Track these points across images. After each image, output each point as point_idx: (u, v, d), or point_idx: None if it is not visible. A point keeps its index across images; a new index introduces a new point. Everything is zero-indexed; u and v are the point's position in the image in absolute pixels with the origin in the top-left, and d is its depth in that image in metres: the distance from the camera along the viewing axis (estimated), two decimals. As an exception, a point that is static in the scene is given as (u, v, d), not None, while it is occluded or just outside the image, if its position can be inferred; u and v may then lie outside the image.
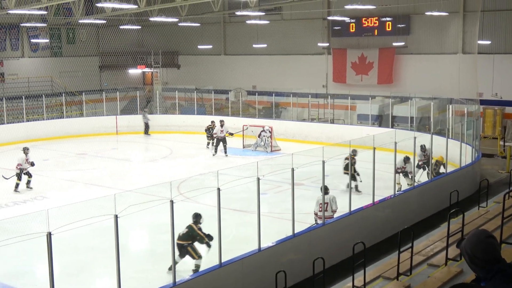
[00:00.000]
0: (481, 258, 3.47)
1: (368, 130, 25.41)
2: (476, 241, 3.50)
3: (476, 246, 3.49)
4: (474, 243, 3.50)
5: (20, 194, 18.26)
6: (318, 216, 13.08)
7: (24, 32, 35.46)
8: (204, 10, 31.81)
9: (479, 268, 3.51)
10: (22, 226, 12.84)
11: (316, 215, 13.20)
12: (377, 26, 32.02)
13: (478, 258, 3.48)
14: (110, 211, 9.00)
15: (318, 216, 13.02)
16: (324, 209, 12.84)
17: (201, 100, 35.25)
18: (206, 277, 10.07)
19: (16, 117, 30.87)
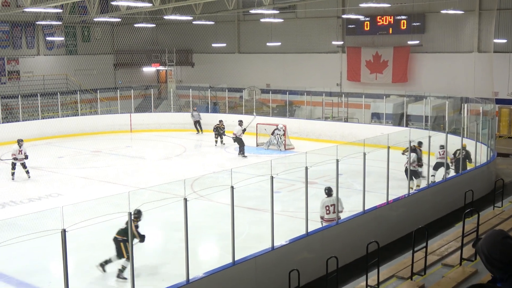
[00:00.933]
0: (498, 259, 3.43)
1: (382, 129, 25.30)
2: (493, 242, 3.47)
3: (493, 247, 3.45)
4: (491, 244, 3.47)
5: (35, 191, 18.38)
6: (324, 219, 12.72)
7: (40, 30, 35.69)
8: (218, 8, 31.83)
9: (496, 269, 3.48)
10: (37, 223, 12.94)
11: (322, 218, 12.80)
12: (392, 24, 31.87)
13: (495, 259, 3.45)
14: (125, 208, 9.04)
15: (325, 219, 12.69)
16: (332, 211, 12.56)
17: (215, 98, 35.30)
18: (219, 275, 10.07)
19: (31, 115, 31.08)
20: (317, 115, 31.36)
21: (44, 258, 12.44)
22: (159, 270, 11.70)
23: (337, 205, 12.51)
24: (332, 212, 12.53)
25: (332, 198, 12.65)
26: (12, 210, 16.17)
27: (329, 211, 12.59)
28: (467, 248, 10.41)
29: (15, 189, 18.82)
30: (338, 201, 12.53)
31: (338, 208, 12.53)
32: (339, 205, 12.63)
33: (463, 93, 27.97)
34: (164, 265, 12.11)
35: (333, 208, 12.55)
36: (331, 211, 12.56)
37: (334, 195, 12.64)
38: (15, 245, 11.34)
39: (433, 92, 28.96)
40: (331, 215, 12.59)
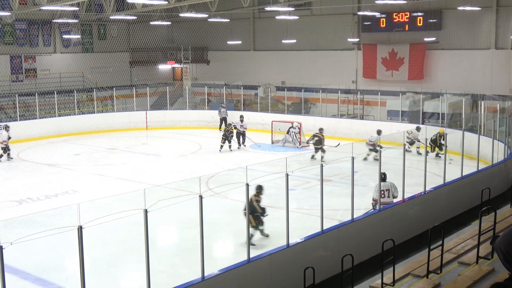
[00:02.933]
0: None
1: (398, 126, 25.19)
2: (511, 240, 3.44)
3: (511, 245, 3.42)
4: (509, 242, 3.44)
5: (51, 188, 18.53)
6: (375, 201, 13.41)
7: (56, 28, 35.93)
8: (234, 5, 31.85)
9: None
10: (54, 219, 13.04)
11: (375, 201, 13.42)
12: (408, 21, 31.67)
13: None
14: (140, 205, 9.07)
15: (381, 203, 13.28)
16: (387, 195, 13.33)
17: (230, 96, 35.33)
18: (234, 272, 10.09)
19: (48, 112, 31.33)
20: (332, 112, 31.28)
21: (61, 254, 12.53)
22: (174, 267, 11.75)
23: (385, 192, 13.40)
24: (386, 197, 13.36)
25: (387, 183, 13.45)
26: (29, 207, 16.32)
27: (384, 195, 13.37)
28: (483, 247, 10.34)
29: (32, 186, 18.98)
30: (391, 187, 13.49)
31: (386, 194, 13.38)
32: (395, 191, 13.50)
33: (480, 90, 27.76)
34: (179, 262, 12.15)
35: (387, 193, 13.38)
36: (385, 195, 13.37)
37: (388, 180, 13.48)
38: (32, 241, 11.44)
39: (450, 89, 28.77)
40: (385, 199, 13.39)
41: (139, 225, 9.18)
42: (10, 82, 33.76)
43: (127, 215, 9.00)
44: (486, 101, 24.57)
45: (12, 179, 20.27)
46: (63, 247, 12.34)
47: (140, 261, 9.42)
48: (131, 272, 11.92)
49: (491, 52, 29.25)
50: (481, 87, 28.23)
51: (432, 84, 31.01)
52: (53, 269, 11.91)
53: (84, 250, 8.29)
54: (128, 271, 12.02)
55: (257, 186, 12.88)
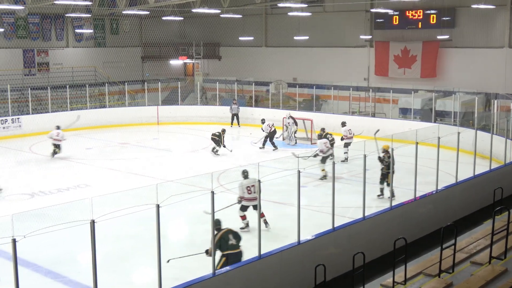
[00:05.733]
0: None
1: (410, 124, 25.08)
2: None
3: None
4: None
5: (63, 182, 18.61)
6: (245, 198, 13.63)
7: (69, 23, 36.05)
8: (246, 1, 31.82)
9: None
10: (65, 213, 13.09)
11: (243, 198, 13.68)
12: (421, 18, 31.51)
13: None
14: (152, 200, 9.08)
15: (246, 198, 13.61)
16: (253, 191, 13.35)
17: (241, 92, 35.32)
18: (245, 269, 10.09)
19: (60, 106, 31.46)
20: (344, 109, 31.18)
21: (72, 248, 12.58)
22: (185, 262, 11.75)
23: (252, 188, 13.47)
24: (253, 192, 13.36)
25: (250, 180, 13.57)
26: (41, 200, 16.41)
27: (250, 191, 13.47)
28: (496, 246, 10.29)
29: (44, 179, 19.08)
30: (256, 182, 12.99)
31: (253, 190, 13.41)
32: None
33: (493, 89, 27.57)
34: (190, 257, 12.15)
35: (253, 189, 13.36)
36: (252, 191, 13.43)
37: (251, 176, 13.63)
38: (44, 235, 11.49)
39: (462, 87, 28.60)
40: (252, 194, 13.47)
41: (151, 220, 9.19)
42: (23, 75, 33.93)
43: (139, 210, 9.01)
44: (499, 100, 24.39)
45: (24, 172, 20.38)
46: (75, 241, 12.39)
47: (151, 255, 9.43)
48: (143, 266, 11.95)
49: (505, 50, 29.05)
50: (494, 86, 28.04)
51: (445, 82, 30.85)
52: (65, 263, 11.96)
53: (96, 244, 8.31)
54: (139, 266, 12.05)
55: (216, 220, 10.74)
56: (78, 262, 12.21)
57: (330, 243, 11.75)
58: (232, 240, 10.65)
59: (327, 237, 11.64)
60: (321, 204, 15.39)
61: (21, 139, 26.57)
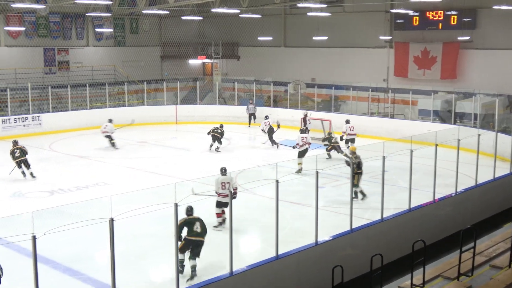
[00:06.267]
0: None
1: (430, 126, 24.91)
2: None
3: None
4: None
5: (82, 180, 18.73)
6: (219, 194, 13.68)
7: (89, 22, 36.31)
8: (266, 1, 31.81)
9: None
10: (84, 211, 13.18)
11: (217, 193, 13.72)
12: (442, 19, 31.26)
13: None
14: (170, 199, 9.12)
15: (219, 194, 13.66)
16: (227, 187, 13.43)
17: (259, 92, 35.31)
18: (262, 269, 10.09)
19: (80, 104, 31.71)
20: (362, 110, 31.05)
21: (90, 246, 12.67)
22: (202, 262, 11.78)
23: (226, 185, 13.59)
24: (226, 189, 13.40)
25: (227, 177, 13.76)
26: (61, 198, 16.55)
27: (224, 187, 13.59)
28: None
29: (63, 177, 19.23)
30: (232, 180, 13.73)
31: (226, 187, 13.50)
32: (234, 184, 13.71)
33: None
34: (207, 256, 12.18)
35: (227, 185, 13.53)
36: (226, 187, 13.52)
37: (229, 174, 13.86)
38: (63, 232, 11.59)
39: (483, 89, 28.33)
40: (225, 190, 13.46)
41: (169, 219, 9.23)
42: (43, 74, 34.25)
43: (158, 209, 9.04)
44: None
45: (44, 170, 20.56)
46: (93, 238, 12.48)
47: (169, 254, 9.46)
48: (160, 265, 12.00)
49: (527, 52, 28.75)
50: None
51: (465, 83, 30.58)
52: (84, 260, 12.04)
53: (114, 242, 8.36)
54: (157, 264, 12.10)
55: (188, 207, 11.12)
56: (97, 260, 12.29)
57: (347, 244, 11.71)
58: (197, 228, 10.99)
59: (345, 238, 11.61)
60: (339, 205, 15.35)
61: (41, 137, 26.82)
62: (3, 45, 32.73)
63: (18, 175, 19.09)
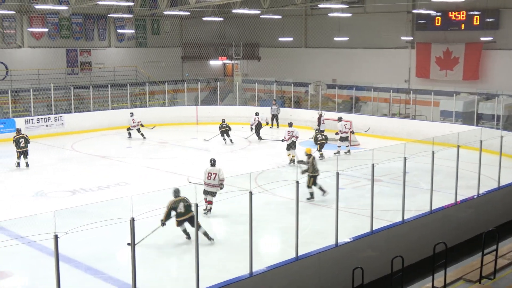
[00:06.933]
0: None
1: (452, 127, 24.69)
2: None
3: None
4: None
5: (104, 180, 18.88)
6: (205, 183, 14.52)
7: (111, 23, 36.60)
8: (286, 2, 31.77)
9: None
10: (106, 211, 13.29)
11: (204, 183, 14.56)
12: (464, 20, 30.97)
13: None
14: (190, 200, 9.17)
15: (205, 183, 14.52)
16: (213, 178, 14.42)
17: (280, 93, 35.28)
18: (282, 269, 10.08)
19: (101, 105, 31.96)
20: (383, 111, 30.89)
21: (112, 245, 12.76)
22: (222, 262, 11.82)
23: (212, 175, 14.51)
24: (213, 179, 14.44)
25: (215, 168, 14.62)
26: (82, 198, 16.69)
27: (210, 177, 14.48)
28: (540, 253, 10.05)
29: (85, 177, 19.40)
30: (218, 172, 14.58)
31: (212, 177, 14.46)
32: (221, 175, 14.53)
33: (538, 92, 26.96)
34: (227, 257, 12.22)
35: (214, 176, 14.45)
36: (212, 178, 14.45)
37: (217, 166, 14.70)
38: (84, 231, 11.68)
39: (506, 90, 28.01)
40: (211, 181, 14.46)
41: (189, 219, 9.26)
42: (66, 75, 34.59)
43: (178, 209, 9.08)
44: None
45: (66, 170, 20.77)
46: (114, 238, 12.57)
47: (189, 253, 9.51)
48: (180, 264, 12.05)
49: (551, 52, 28.37)
50: (540, 89, 27.41)
51: (488, 84, 30.27)
52: (104, 259, 12.13)
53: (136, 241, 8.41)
54: (176, 263, 12.16)
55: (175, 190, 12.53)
56: (117, 259, 12.37)
57: (368, 246, 11.66)
58: (181, 209, 12.26)
59: (365, 240, 11.55)
60: (359, 206, 15.28)
61: (63, 137, 27.11)
62: (26, 46, 33.11)
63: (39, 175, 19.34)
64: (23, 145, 20.40)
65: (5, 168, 20.81)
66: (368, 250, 11.62)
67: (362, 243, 11.49)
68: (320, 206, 15.62)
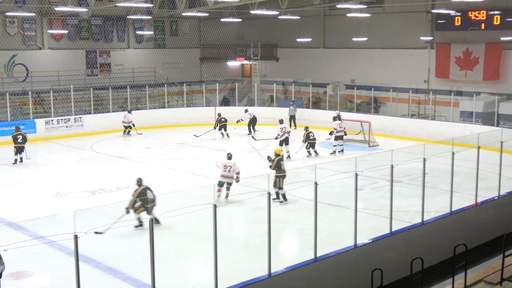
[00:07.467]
0: None
1: (472, 128, 24.48)
2: None
3: None
4: None
5: (123, 180, 18.96)
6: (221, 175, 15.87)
7: (130, 24, 36.82)
8: (304, 3, 31.73)
9: None
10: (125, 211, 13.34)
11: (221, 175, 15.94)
12: (484, 19, 30.68)
13: None
14: (209, 200, 9.17)
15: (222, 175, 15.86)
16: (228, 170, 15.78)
17: (298, 93, 35.25)
18: (301, 270, 10.06)
19: (120, 106, 32.16)
20: (402, 112, 30.71)
21: (130, 245, 12.83)
22: (240, 262, 11.83)
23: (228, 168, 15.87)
24: (228, 171, 15.80)
25: (230, 161, 16.01)
26: (101, 198, 16.80)
27: (226, 169, 15.86)
28: (562, 256, 9.91)
29: (104, 178, 19.52)
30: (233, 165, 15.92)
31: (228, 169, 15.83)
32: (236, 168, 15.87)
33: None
34: (246, 257, 12.22)
35: (229, 168, 15.80)
36: (227, 170, 15.83)
37: (233, 160, 16.12)
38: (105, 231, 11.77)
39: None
40: (227, 172, 15.82)
41: (207, 219, 9.27)
42: (85, 76, 34.87)
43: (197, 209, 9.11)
44: None
45: (85, 170, 20.92)
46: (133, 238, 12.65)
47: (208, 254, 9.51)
48: (198, 265, 12.07)
49: None
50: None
51: (509, 84, 29.97)
52: (123, 259, 12.19)
53: (154, 241, 8.44)
54: (196, 264, 12.18)
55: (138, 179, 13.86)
56: (136, 259, 12.43)
57: (387, 248, 11.58)
58: (150, 195, 13.28)
59: (384, 241, 11.49)
60: (378, 207, 15.21)
61: (83, 137, 27.31)
62: (46, 48, 33.43)
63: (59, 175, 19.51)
64: (21, 141, 21.39)
65: (26, 169, 21.04)
66: (387, 251, 11.55)
67: (381, 244, 11.42)
68: (339, 207, 15.57)
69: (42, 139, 26.51)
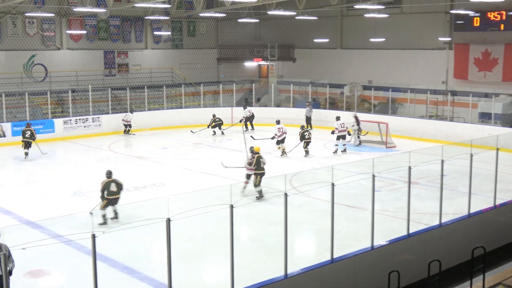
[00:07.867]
0: None
1: (490, 129, 24.27)
2: None
3: None
4: None
5: (140, 180, 19.06)
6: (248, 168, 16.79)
7: (148, 25, 37.00)
8: (322, 3, 31.65)
9: None
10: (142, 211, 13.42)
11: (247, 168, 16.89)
12: (504, 20, 30.36)
13: None
14: (226, 200, 9.17)
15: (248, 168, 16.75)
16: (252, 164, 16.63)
17: (315, 94, 35.17)
18: (317, 272, 10.03)
19: (138, 106, 32.32)
20: (420, 113, 30.51)
21: (148, 245, 12.89)
22: (256, 263, 11.83)
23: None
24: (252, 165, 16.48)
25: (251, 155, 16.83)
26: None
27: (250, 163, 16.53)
28: None
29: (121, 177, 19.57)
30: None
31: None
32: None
33: None
34: (262, 258, 12.22)
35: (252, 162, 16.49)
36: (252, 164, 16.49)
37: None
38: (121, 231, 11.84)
39: (547, 92, 27.43)
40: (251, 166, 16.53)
41: (224, 220, 9.28)
42: (104, 76, 35.10)
43: (214, 210, 9.12)
44: None
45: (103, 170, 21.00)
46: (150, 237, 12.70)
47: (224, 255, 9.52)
48: (215, 265, 12.09)
49: None
50: None
51: (528, 86, 29.67)
52: (140, 259, 12.25)
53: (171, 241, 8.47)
54: (212, 264, 12.20)
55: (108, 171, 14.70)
56: (153, 259, 12.48)
57: (404, 250, 11.52)
58: (113, 188, 14.11)
59: (402, 243, 11.42)
60: (395, 209, 15.13)
61: (101, 137, 27.51)
62: (65, 48, 33.70)
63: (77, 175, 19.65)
64: (28, 136, 22.18)
65: (44, 168, 21.23)
66: (404, 253, 11.49)
67: (398, 246, 11.36)
68: (356, 208, 15.51)
69: (60, 138, 26.74)
